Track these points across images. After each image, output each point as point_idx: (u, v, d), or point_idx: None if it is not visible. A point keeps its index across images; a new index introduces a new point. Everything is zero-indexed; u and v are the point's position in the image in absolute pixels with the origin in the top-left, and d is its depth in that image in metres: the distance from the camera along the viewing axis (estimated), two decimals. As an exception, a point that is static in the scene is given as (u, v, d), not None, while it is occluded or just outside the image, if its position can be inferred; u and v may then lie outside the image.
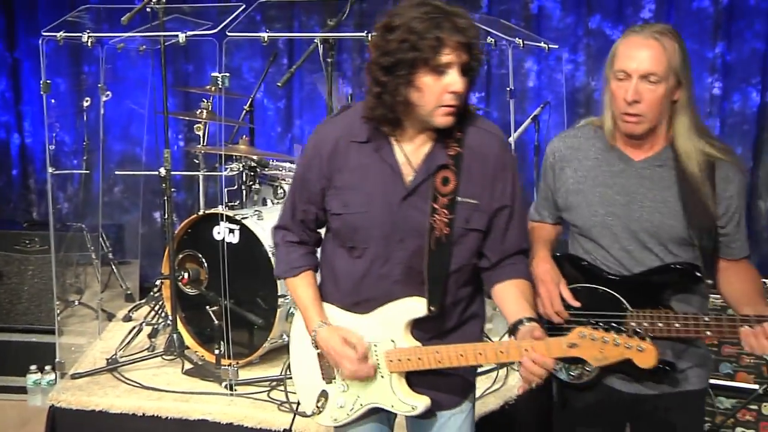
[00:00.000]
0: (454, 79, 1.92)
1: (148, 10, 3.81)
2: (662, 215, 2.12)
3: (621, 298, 2.15)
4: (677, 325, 2.06)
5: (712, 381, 3.36)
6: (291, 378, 3.13)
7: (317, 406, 2.23)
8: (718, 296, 3.09)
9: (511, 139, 4.37)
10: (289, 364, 2.80)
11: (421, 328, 2.09)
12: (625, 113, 2.09)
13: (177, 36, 3.72)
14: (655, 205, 2.14)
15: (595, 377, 2.23)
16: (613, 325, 1.86)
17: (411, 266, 2.05)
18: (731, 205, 2.12)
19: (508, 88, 4.29)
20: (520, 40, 4.24)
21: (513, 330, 1.99)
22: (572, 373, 2.27)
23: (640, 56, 2.05)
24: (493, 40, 4.33)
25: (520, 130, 4.87)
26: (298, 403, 2.43)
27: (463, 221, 2.03)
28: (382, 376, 2.11)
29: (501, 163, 2.07)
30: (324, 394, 2.23)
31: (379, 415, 2.23)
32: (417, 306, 2.05)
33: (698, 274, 2.10)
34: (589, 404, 2.29)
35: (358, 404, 2.17)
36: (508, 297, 2.08)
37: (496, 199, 2.06)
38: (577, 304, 2.19)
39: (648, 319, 2.09)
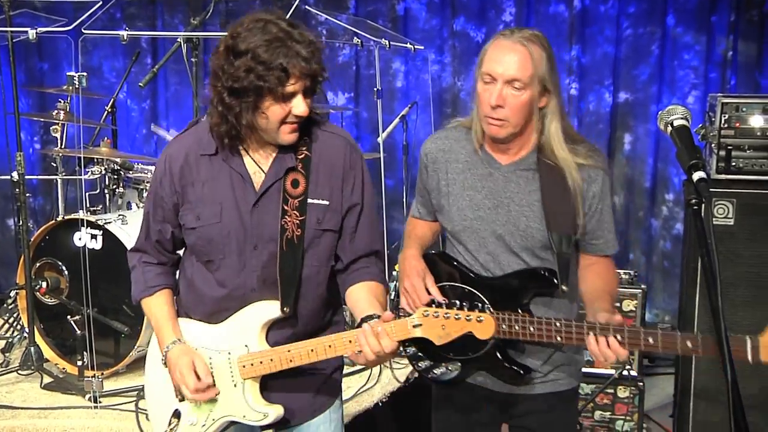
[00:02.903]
0: (298, 105, 1.94)
1: (-9, 3, 3.60)
2: (527, 219, 2.15)
3: (484, 299, 2.18)
4: (532, 329, 2.08)
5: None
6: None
7: (169, 428, 2.19)
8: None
9: (380, 139, 4.42)
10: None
11: (280, 335, 2.09)
12: (489, 116, 2.09)
13: (26, 32, 3.53)
14: (521, 209, 2.15)
15: (458, 375, 2.26)
16: (455, 302, 1.87)
17: (266, 273, 2.06)
18: (593, 204, 2.15)
19: (375, 88, 4.34)
20: (387, 41, 4.30)
21: (361, 324, 1.99)
22: (436, 372, 2.30)
23: (506, 61, 2.04)
24: (360, 40, 4.37)
25: (388, 129, 4.93)
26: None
27: (315, 222, 2.05)
28: (235, 385, 2.09)
29: (349, 163, 2.10)
30: (176, 414, 2.19)
31: (238, 427, 2.20)
32: (270, 308, 2.05)
33: (553, 279, 2.13)
34: (464, 403, 2.32)
35: (210, 420, 2.14)
36: (359, 298, 2.09)
37: (346, 199, 2.10)
38: (442, 299, 2.20)
39: (507, 321, 2.12)
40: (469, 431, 2.35)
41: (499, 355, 2.18)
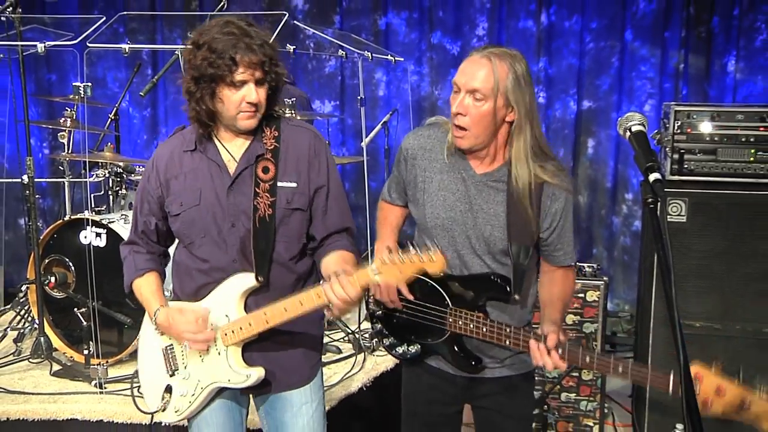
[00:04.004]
0: (249, 93, 2.03)
1: (2, 19, 3.55)
2: (492, 227, 2.13)
3: (445, 295, 2.19)
4: (484, 329, 2.11)
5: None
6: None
7: (163, 403, 2.22)
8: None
9: (364, 144, 4.42)
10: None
11: (262, 306, 2.10)
12: (453, 124, 2.08)
13: (36, 46, 3.49)
14: (488, 218, 2.14)
15: (417, 354, 2.28)
16: (409, 249, 1.85)
17: (244, 248, 2.11)
18: (554, 220, 2.14)
19: (359, 97, 4.33)
20: (369, 53, 4.29)
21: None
22: (398, 349, 2.33)
23: (470, 73, 2.03)
24: (344, 53, 4.36)
25: (371, 135, 4.92)
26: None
27: (285, 202, 2.12)
28: (219, 353, 2.12)
29: (314, 150, 2.18)
30: (168, 389, 2.22)
31: (226, 396, 2.22)
32: (246, 278, 2.10)
33: (506, 287, 2.13)
34: (429, 383, 2.33)
35: (198, 388, 2.16)
36: (330, 263, 2.13)
37: (313, 181, 2.16)
38: (410, 297, 2.19)
39: (462, 318, 2.14)
40: (433, 410, 2.35)
41: (456, 347, 2.20)
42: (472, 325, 2.13)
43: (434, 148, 2.21)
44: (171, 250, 2.35)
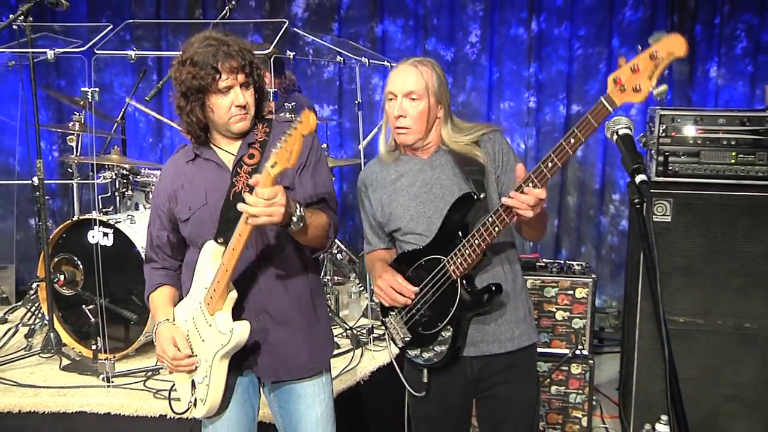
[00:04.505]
0: (237, 97, 2.07)
1: (15, 27, 3.56)
2: (458, 186, 2.24)
3: (436, 256, 2.21)
4: (476, 242, 2.10)
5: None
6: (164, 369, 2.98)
7: (192, 398, 2.21)
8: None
9: (361, 146, 4.42)
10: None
11: (257, 274, 2.13)
12: (395, 127, 2.25)
13: (46, 53, 3.50)
14: (450, 181, 2.26)
15: (447, 354, 2.25)
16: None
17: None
18: (499, 157, 2.26)
19: (356, 101, 4.34)
20: (366, 60, 4.30)
21: None
22: (425, 356, 2.30)
23: (402, 79, 2.22)
24: (342, 59, 4.37)
25: (368, 138, 4.92)
26: (170, 391, 2.35)
27: None
28: (210, 324, 2.11)
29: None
30: (193, 384, 2.21)
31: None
32: (209, 245, 2.12)
33: (470, 195, 2.15)
34: (440, 384, 2.33)
35: (208, 368, 2.14)
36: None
37: (298, 163, 2.11)
38: (415, 289, 2.24)
39: (459, 256, 2.14)
40: (445, 411, 2.36)
41: (467, 290, 2.18)
42: (467, 251, 2.12)
43: (382, 169, 2.38)
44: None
